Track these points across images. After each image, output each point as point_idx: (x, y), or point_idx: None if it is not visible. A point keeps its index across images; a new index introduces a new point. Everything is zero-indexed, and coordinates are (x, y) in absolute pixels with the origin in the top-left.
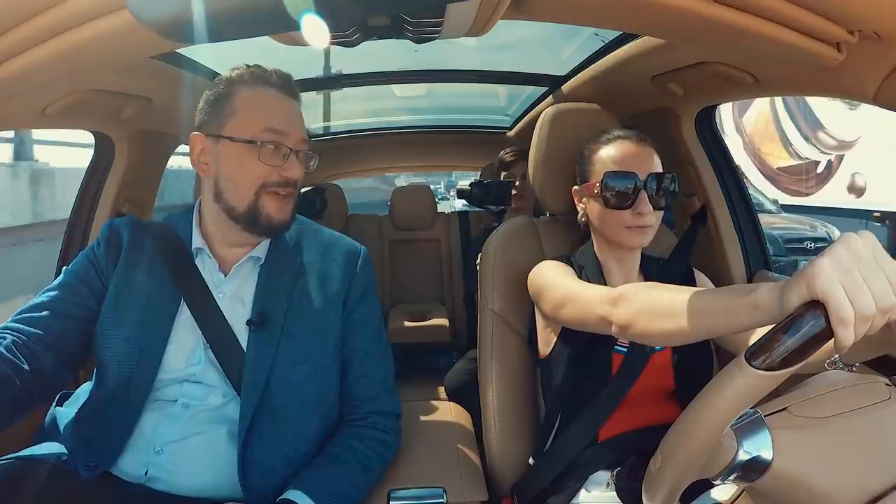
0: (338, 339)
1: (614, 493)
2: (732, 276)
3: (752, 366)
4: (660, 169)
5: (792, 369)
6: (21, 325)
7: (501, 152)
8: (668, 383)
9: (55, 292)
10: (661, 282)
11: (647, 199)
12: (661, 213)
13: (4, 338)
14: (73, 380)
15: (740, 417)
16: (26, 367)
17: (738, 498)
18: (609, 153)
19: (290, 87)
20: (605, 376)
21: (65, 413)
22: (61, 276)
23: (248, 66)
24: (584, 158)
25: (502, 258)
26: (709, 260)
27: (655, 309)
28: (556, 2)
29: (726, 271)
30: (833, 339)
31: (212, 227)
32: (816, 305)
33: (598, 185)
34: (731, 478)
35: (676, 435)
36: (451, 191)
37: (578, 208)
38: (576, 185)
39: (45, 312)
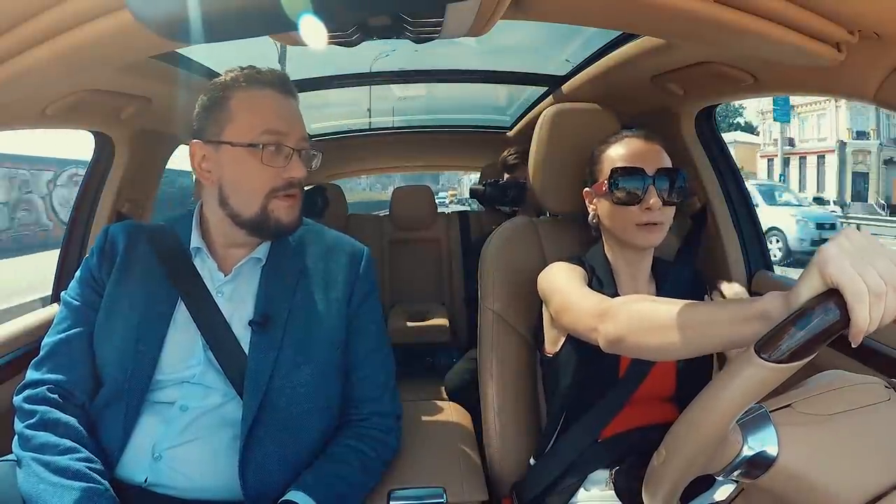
0: (341, 340)
1: (613, 491)
2: (732, 276)
3: (761, 358)
4: (668, 165)
5: (801, 363)
6: (50, 376)
7: (504, 153)
8: (668, 388)
9: (63, 325)
10: (671, 285)
11: (656, 194)
12: (672, 210)
13: (48, 397)
14: None
15: (746, 413)
16: (76, 412)
17: (735, 497)
18: (617, 151)
19: (286, 86)
20: (612, 377)
21: None
22: (62, 307)
23: (243, 68)
24: (593, 159)
25: (503, 258)
26: (709, 260)
27: (649, 323)
28: (556, 2)
29: (726, 271)
30: (848, 328)
31: (213, 229)
32: (828, 297)
33: (606, 182)
34: (735, 474)
35: (683, 428)
36: None
37: (589, 210)
38: (586, 187)
39: (63, 352)
